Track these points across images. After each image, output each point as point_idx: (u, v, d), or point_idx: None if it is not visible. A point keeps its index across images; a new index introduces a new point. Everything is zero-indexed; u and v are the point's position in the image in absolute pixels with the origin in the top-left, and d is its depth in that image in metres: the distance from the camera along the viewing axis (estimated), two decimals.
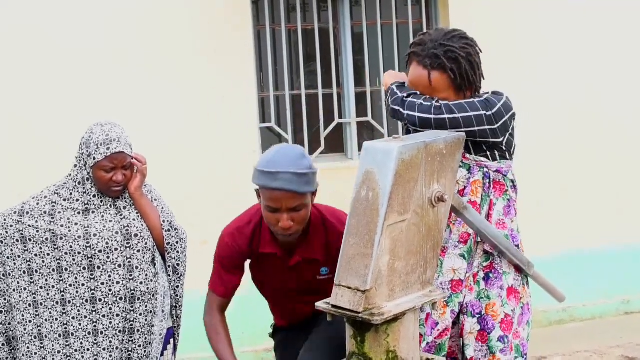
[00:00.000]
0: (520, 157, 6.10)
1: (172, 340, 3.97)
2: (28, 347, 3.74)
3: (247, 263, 3.68)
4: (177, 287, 3.91)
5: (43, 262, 3.70)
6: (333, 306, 2.57)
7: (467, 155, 3.12)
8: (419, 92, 3.18)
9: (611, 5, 6.93)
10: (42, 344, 3.73)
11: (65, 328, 3.72)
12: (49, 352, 3.72)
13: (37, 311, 3.72)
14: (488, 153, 3.17)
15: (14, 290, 3.73)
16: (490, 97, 3.13)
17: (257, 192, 3.40)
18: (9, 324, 3.75)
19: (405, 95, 3.17)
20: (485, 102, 3.09)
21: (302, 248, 3.48)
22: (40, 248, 3.69)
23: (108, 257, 3.69)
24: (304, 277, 3.55)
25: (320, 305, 2.62)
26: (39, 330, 3.73)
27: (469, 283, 3.17)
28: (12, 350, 3.79)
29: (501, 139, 3.15)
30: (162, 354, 3.90)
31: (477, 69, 3.20)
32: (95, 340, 3.73)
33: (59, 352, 3.72)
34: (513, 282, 3.22)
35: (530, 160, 6.48)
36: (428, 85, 3.16)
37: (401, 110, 3.14)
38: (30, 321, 3.72)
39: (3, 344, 3.77)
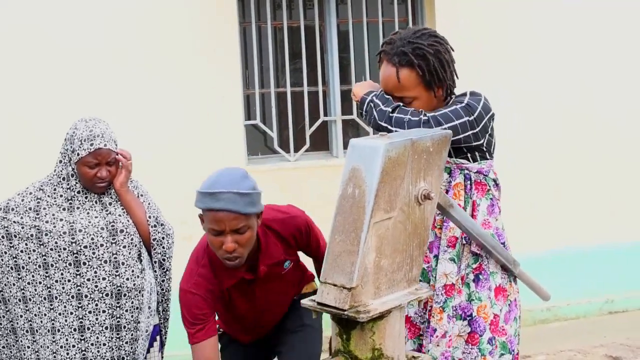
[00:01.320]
0: (512, 157, 6.17)
1: (158, 337, 3.95)
2: (21, 341, 3.75)
3: None
4: (163, 281, 3.90)
5: (29, 258, 3.68)
6: (318, 304, 2.55)
7: (448, 159, 3.10)
8: (402, 104, 3.15)
9: (603, 3, 6.94)
10: (34, 338, 3.73)
11: (53, 324, 3.71)
12: (41, 346, 3.72)
13: (26, 306, 3.72)
14: (469, 155, 3.16)
15: (5, 285, 3.73)
16: (470, 101, 3.10)
17: (200, 217, 3.30)
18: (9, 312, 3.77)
19: (390, 110, 3.13)
20: (467, 107, 3.07)
21: (264, 258, 3.43)
22: (26, 244, 3.67)
23: (94, 253, 3.67)
24: (272, 285, 3.55)
25: (306, 302, 2.61)
26: (30, 325, 3.72)
27: (458, 286, 3.16)
28: (18, 341, 3.79)
29: (482, 141, 3.14)
30: (148, 351, 3.88)
31: (448, 66, 3.16)
32: (82, 336, 3.71)
33: (47, 347, 3.71)
34: (501, 281, 3.21)
35: (520, 159, 6.51)
36: (397, 83, 3.14)
37: (389, 127, 3.10)
38: (21, 316, 3.73)
39: (10, 331, 3.78)
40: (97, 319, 3.71)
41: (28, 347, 3.74)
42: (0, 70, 5.63)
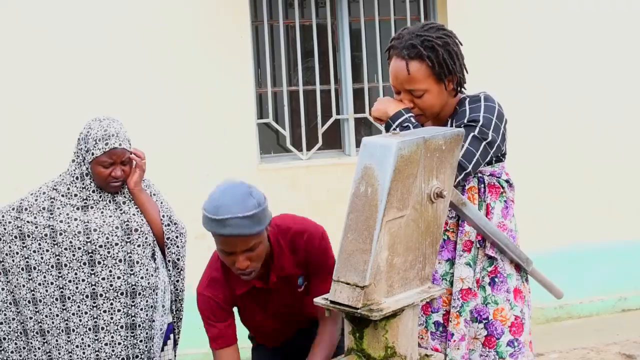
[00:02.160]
0: (519, 158, 6.16)
1: (172, 336, 3.96)
2: (31, 343, 3.74)
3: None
4: (177, 281, 3.91)
5: (42, 258, 3.68)
6: (331, 302, 2.56)
7: None
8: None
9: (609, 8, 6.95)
10: (44, 339, 3.72)
11: (67, 324, 3.70)
12: (53, 347, 3.72)
13: (36, 308, 3.71)
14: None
15: (15, 286, 3.72)
16: (484, 117, 3.05)
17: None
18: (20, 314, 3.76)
19: None
20: (481, 131, 3.03)
21: (275, 268, 3.41)
22: (39, 244, 3.68)
23: (109, 252, 3.68)
24: (286, 299, 3.53)
25: (319, 301, 2.61)
26: (40, 326, 3.71)
27: (473, 289, 3.15)
28: (29, 342, 3.78)
29: (503, 148, 3.14)
30: (162, 349, 3.89)
31: (457, 58, 3.13)
32: (97, 336, 3.71)
33: (62, 347, 3.71)
34: (517, 283, 3.21)
35: (529, 159, 6.49)
36: (407, 75, 3.10)
37: None
38: (30, 318, 3.72)
39: (21, 333, 3.76)
40: (112, 318, 3.72)
41: (39, 348, 3.74)
42: (4, 71, 5.65)
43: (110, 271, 3.69)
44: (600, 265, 6.89)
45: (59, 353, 3.71)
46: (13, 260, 3.70)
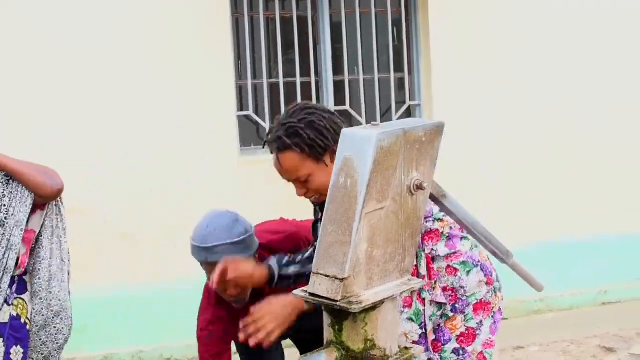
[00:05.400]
0: (504, 157, 6.18)
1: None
2: None
3: None
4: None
5: None
6: (310, 294, 2.54)
7: None
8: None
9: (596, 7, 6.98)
10: None
11: None
12: None
13: None
14: None
15: None
16: None
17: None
18: None
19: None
20: None
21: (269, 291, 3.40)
22: None
23: None
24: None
25: (298, 293, 2.59)
26: None
27: (427, 338, 3.16)
28: None
29: None
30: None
31: (327, 131, 3.10)
32: None
33: None
34: (483, 296, 3.20)
35: (514, 158, 6.51)
36: (282, 168, 3.12)
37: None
38: None
39: None
40: None
41: None
42: (3, 71, 5.63)
43: None
44: (582, 259, 6.91)
45: None
46: None
